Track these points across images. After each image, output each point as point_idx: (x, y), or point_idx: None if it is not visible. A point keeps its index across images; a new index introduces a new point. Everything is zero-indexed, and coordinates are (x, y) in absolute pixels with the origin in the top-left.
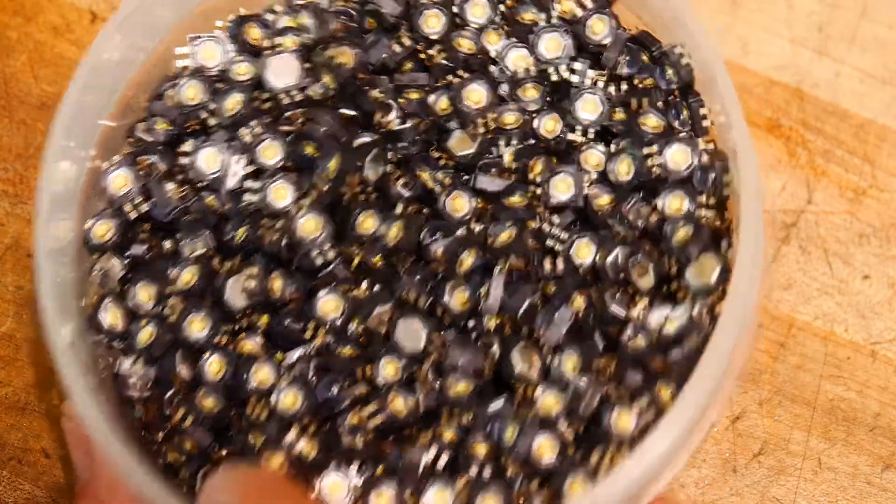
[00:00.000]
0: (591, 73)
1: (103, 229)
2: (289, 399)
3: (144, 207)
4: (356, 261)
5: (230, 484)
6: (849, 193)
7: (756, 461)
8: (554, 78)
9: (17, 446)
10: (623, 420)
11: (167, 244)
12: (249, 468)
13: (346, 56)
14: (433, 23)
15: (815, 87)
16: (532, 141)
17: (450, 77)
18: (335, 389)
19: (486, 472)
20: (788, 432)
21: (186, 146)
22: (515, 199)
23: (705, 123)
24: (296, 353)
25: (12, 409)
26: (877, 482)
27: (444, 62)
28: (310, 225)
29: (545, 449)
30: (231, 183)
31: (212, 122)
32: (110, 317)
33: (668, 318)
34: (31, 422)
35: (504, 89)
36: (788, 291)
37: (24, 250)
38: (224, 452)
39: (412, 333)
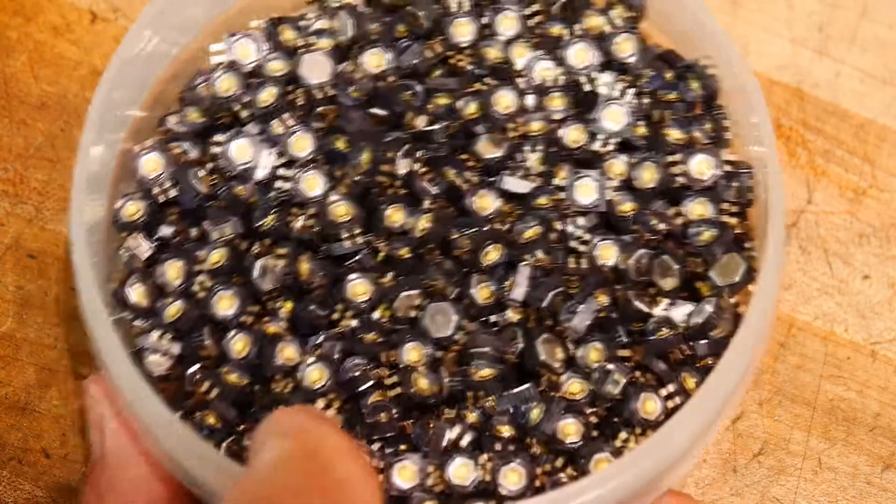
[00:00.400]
0: (618, 85)
1: (133, 209)
2: (315, 374)
3: (172, 193)
4: (382, 253)
5: (285, 417)
6: (849, 193)
7: (756, 461)
8: (587, 88)
9: (17, 446)
10: (649, 405)
11: (194, 231)
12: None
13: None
14: (463, 31)
15: (815, 87)
16: (556, 149)
17: (477, 84)
18: (358, 372)
19: (510, 450)
20: (788, 432)
21: (218, 137)
22: (542, 201)
23: (728, 135)
24: (321, 336)
25: (12, 409)
26: (877, 482)
27: (473, 68)
28: (340, 210)
29: (570, 430)
30: (261, 174)
31: (244, 114)
32: (136, 294)
33: (692, 314)
34: (31, 422)
35: (530, 100)
36: (788, 291)
37: (24, 250)
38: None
39: (441, 318)
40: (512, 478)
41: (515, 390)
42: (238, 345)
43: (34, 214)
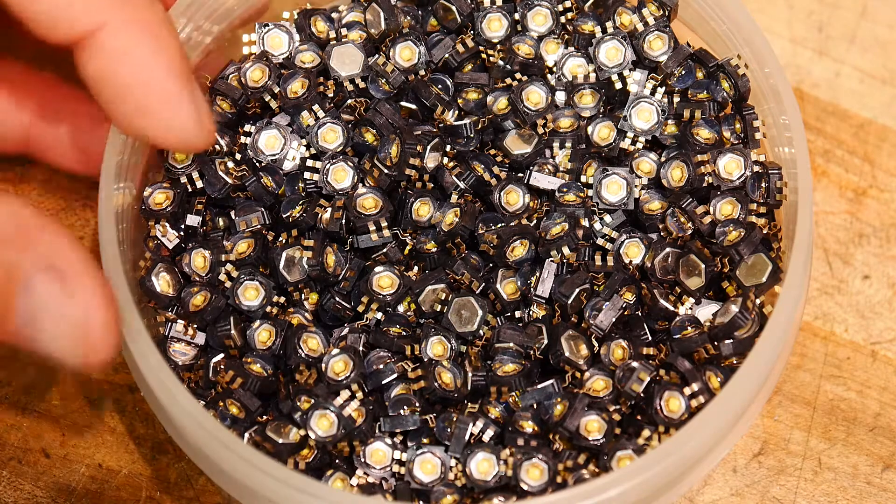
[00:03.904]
0: (648, 83)
1: (161, 197)
2: (339, 366)
3: (199, 184)
4: (409, 247)
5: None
6: (849, 193)
7: (756, 461)
8: (618, 86)
9: (17, 446)
10: (673, 403)
11: (221, 221)
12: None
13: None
14: (496, 26)
15: (815, 87)
16: (585, 146)
17: (508, 80)
18: (382, 364)
19: (532, 445)
20: (788, 432)
21: (248, 127)
22: (570, 198)
23: (758, 136)
24: (346, 328)
25: (12, 409)
26: (877, 482)
27: (504, 64)
28: (368, 202)
29: (593, 427)
30: (289, 166)
31: (274, 104)
32: (162, 283)
33: (718, 314)
34: (31, 422)
35: (560, 97)
36: None
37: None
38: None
39: (467, 313)
40: (533, 473)
41: (539, 386)
42: (262, 335)
43: None
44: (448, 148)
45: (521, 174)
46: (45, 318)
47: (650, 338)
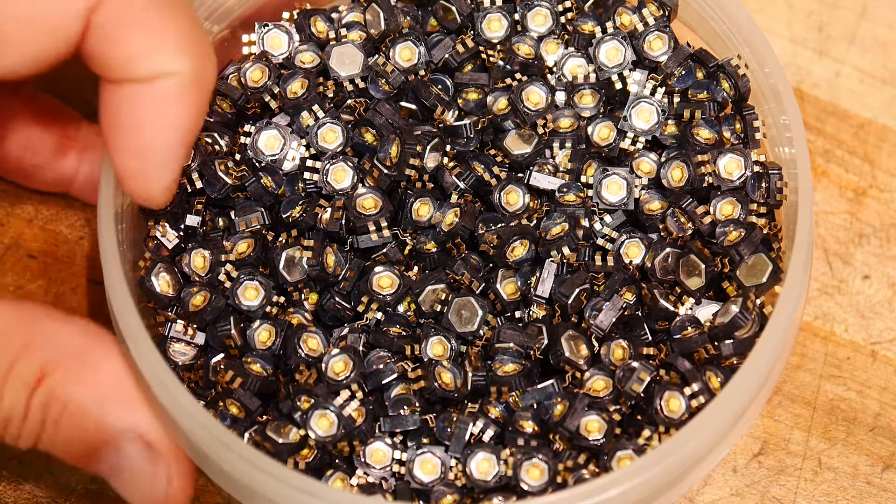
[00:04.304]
0: (648, 83)
1: None
2: (339, 365)
3: (199, 184)
4: (409, 247)
5: None
6: (849, 193)
7: (756, 461)
8: (618, 86)
9: None
10: (673, 403)
11: (221, 221)
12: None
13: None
14: (495, 27)
15: (815, 87)
16: (584, 146)
17: (508, 80)
18: (382, 364)
19: (532, 445)
20: (788, 432)
21: (247, 127)
22: (570, 198)
23: (758, 136)
24: (345, 328)
25: None
26: (877, 482)
27: (504, 64)
28: (368, 202)
29: (593, 427)
30: (289, 166)
31: (274, 105)
32: (162, 283)
33: (718, 314)
34: None
35: (560, 97)
36: None
37: (24, 250)
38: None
39: (467, 313)
40: (533, 473)
41: (539, 386)
42: (262, 335)
43: (34, 214)
44: (448, 148)
45: (521, 174)
46: (131, 477)
47: (650, 338)
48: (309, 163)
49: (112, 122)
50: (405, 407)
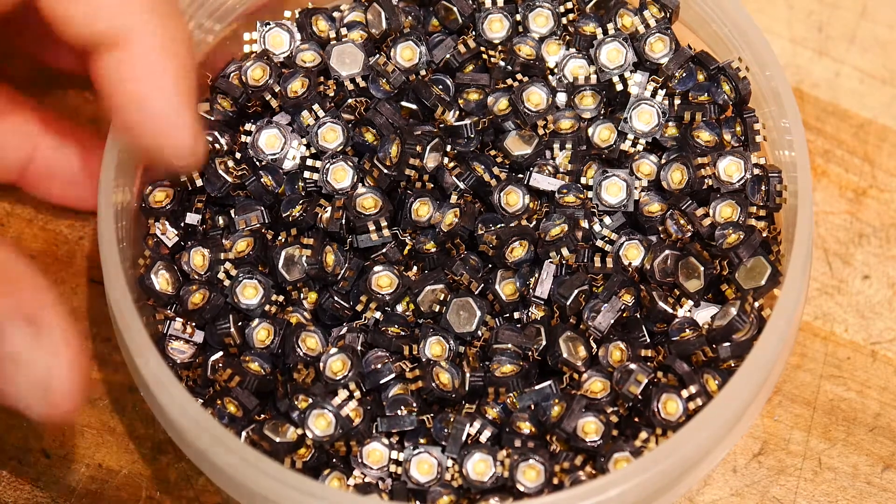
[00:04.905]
0: (649, 85)
1: (161, 196)
2: (336, 365)
3: (199, 182)
4: (408, 246)
5: None
6: (849, 193)
7: (756, 461)
8: (619, 88)
9: (17, 446)
10: (670, 405)
11: (221, 219)
12: None
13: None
14: (497, 27)
15: (814, 87)
16: (585, 147)
17: (509, 81)
18: (380, 364)
19: (529, 446)
20: (788, 432)
21: (248, 126)
22: (569, 199)
23: (758, 138)
24: (344, 328)
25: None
26: (877, 482)
27: (505, 65)
28: (368, 202)
29: (590, 428)
30: (289, 165)
31: (274, 104)
32: (161, 281)
33: (716, 317)
34: (31, 422)
35: (560, 98)
36: None
37: (24, 250)
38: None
39: (465, 314)
40: (530, 474)
41: (537, 387)
42: (261, 334)
43: (34, 214)
44: (448, 148)
45: (521, 175)
46: (12, 368)
47: (648, 340)
48: (309, 162)
49: (110, 98)
50: (402, 407)
